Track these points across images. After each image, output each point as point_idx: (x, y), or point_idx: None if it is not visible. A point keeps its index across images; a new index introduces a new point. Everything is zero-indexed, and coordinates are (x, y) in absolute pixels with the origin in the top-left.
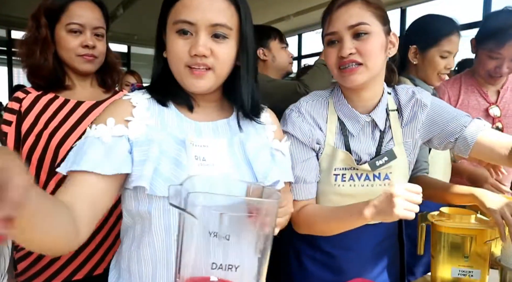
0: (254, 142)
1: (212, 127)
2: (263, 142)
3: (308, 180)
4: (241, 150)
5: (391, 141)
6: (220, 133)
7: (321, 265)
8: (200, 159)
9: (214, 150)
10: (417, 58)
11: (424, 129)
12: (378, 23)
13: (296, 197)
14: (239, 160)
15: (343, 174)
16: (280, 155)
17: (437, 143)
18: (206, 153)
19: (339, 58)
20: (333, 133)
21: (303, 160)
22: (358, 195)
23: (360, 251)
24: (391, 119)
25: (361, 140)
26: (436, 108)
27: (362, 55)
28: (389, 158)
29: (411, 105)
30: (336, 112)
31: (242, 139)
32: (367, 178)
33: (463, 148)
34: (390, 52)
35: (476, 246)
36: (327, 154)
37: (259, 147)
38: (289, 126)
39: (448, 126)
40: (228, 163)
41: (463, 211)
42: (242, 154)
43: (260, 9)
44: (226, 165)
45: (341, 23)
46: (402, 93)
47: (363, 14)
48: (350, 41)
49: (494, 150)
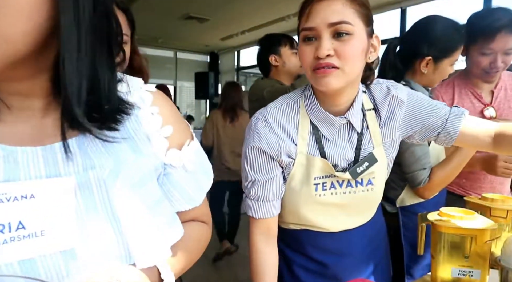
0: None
1: (43, 156)
2: (147, 164)
3: (268, 198)
4: (103, 196)
5: (370, 143)
6: (62, 165)
7: (313, 273)
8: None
9: (46, 204)
10: (428, 67)
11: (404, 126)
12: (361, 24)
13: (255, 215)
14: (98, 219)
15: (323, 183)
16: (180, 173)
17: (418, 138)
18: (27, 211)
19: (315, 59)
20: (305, 140)
21: (267, 180)
22: (340, 204)
23: (351, 254)
24: (368, 119)
25: (337, 145)
26: (414, 102)
27: (340, 58)
28: (370, 162)
29: (387, 102)
30: (308, 115)
31: (104, 172)
32: (349, 185)
33: (447, 140)
34: (371, 57)
35: (476, 246)
36: (302, 163)
37: (136, 183)
38: (255, 138)
39: (429, 120)
40: (74, 228)
41: (463, 211)
42: (105, 205)
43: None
44: (71, 234)
45: (321, 19)
46: (376, 90)
47: (346, 11)
48: (329, 40)
49: (478, 137)
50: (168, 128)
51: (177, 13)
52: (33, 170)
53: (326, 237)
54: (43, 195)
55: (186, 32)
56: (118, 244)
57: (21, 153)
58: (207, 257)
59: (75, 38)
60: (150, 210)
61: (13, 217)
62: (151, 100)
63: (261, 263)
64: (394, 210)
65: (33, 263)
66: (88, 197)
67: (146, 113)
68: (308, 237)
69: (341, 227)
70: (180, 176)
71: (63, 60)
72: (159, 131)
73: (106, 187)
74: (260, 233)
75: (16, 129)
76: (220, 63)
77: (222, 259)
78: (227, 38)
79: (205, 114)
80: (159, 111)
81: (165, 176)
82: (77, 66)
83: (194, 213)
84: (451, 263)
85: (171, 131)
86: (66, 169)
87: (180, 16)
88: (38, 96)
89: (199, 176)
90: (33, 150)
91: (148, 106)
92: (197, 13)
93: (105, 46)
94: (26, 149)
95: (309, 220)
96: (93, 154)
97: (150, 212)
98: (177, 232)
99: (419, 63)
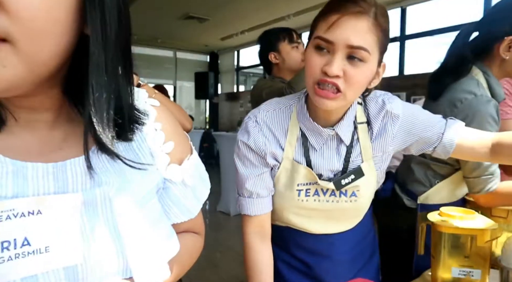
0: (134, 190)
1: (53, 172)
2: (151, 182)
3: (262, 194)
4: (107, 214)
5: (359, 156)
6: (71, 182)
7: (296, 271)
8: (15, 244)
9: (53, 220)
10: (510, 51)
11: (399, 139)
12: (377, 52)
13: (249, 212)
14: (101, 236)
15: (307, 189)
16: (179, 187)
17: (414, 151)
18: (33, 227)
19: (322, 72)
20: (292, 146)
21: (257, 175)
22: (324, 210)
23: (332, 257)
24: (359, 132)
25: (324, 155)
26: (409, 116)
27: (346, 82)
28: (356, 176)
29: (381, 116)
30: (298, 123)
31: (110, 190)
32: (333, 194)
33: (443, 153)
34: (372, 84)
35: (477, 246)
36: (286, 168)
37: (142, 198)
38: (245, 136)
39: (424, 134)
40: (79, 244)
41: (463, 211)
42: (108, 222)
43: (260, 9)
44: (75, 250)
45: (342, 36)
46: (371, 104)
47: (368, 37)
48: (341, 61)
49: (474, 149)
50: (170, 144)
51: (177, 13)
52: (42, 186)
53: (308, 237)
54: (50, 211)
55: (186, 32)
56: (118, 261)
57: (31, 169)
58: (207, 258)
59: (103, 60)
60: (151, 226)
61: (19, 233)
62: (155, 115)
63: (256, 262)
64: (413, 205)
65: (35, 279)
66: (93, 214)
67: (150, 129)
68: (290, 235)
69: (323, 231)
70: (178, 191)
71: (92, 87)
72: (161, 147)
73: (111, 204)
74: (254, 232)
75: (23, 141)
76: (220, 63)
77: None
78: (227, 38)
79: (204, 114)
80: (161, 127)
81: (164, 190)
82: (105, 90)
83: (187, 224)
84: (451, 263)
85: (172, 147)
86: (74, 185)
87: (180, 16)
88: (47, 109)
89: (197, 188)
90: (43, 167)
91: (152, 122)
92: (197, 13)
93: (127, 60)
94: (36, 165)
95: (291, 220)
96: (100, 171)
97: (151, 228)
98: (175, 246)
99: (498, 46)
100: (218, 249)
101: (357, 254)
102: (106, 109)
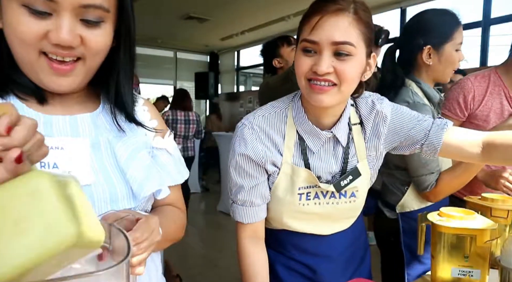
0: (127, 143)
1: (69, 123)
2: (140, 142)
3: (256, 203)
4: (110, 154)
5: (354, 157)
6: (81, 130)
7: (295, 273)
8: (48, 166)
9: (71, 154)
10: (431, 58)
11: (388, 139)
12: (363, 45)
13: (243, 220)
14: (107, 167)
15: (307, 193)
16: (164, 155)
17: (403, 150)
18: (59, 157)
19: (312, 72)
20: (291, 150)
21: (253, 186)
22: (324, 213)
23: (330, 257)
24: (353, 133)
25: (321, 158)
26: (397, 116)
27: (338, 76)
28: (354, 176)
29: (372, 117)
30: (295, 126)
31: (111, 139)
32: (333, 196)
33: (431, 152)
34: (365, 76)
35: (476, 246)
36: (286, 173)
37: (134, 149)
38: (242, 145)
39: (412, 133)
40: (90, 171)
41: (463, 211)
42: (111, 159)
43: (260, 9)
44: (88, 174)
45: (326, 36)
46: (362, 105)
47: (351, 31)
48: (329, 58)
49: (463, 148)
50: (154, 121)
51: (177, 13)
52: (62, 131)
53: (306, 238)
54: (69, 147)
55: (186, 32)
56: (121, 186)
57: (55, 119)
58: (207, 258)
59: (127, 62)
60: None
61: (51, 160)
62: (142, 102)
63: (251, 265)
64: (394, 216)
65: None
66: (98, 153)
67: (140, 109)
68: (287, 237)
69: (321, 232)
70: (164, 158)
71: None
72: (148, 123)
73: (111, 146)
74: (248, 237)
75: (57, 107)
76: (220, 63)
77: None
78: (227, 38)
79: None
80: (148, 109)
81: (153, 158)
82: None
83: (170, 199)
84: (451, 263)
85: (156, 124)
86: (83, 133)
87: (180, 16)
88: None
89: (177, 162)
90: (64, 118)
91: (141, 105)
92: (197, 13)
93: (132, 60)
94: (58, 117)
95: (290, 225)
96: (102, 127)
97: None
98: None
99: (421, 56)
100: (218, 249)
101: (353, 253)
102: (129, 98)
